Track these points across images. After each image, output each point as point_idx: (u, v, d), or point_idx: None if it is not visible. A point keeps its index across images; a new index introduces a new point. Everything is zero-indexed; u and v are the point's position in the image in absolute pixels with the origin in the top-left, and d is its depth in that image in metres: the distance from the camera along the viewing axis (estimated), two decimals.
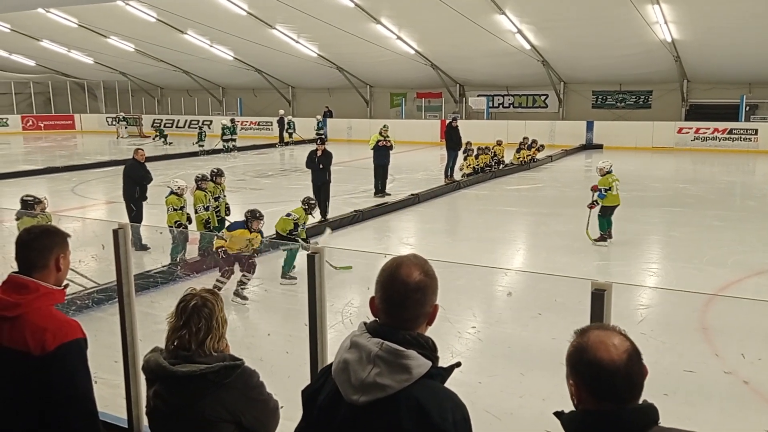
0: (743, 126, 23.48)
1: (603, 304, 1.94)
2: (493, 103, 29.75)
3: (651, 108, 26.48)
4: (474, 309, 6.77)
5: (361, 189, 15.11)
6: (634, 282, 8.30)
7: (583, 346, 1.59)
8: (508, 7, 21.68)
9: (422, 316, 1.72)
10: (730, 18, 19.48)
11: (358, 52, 26.62)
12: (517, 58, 25.01)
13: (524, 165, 19.00)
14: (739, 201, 14.54)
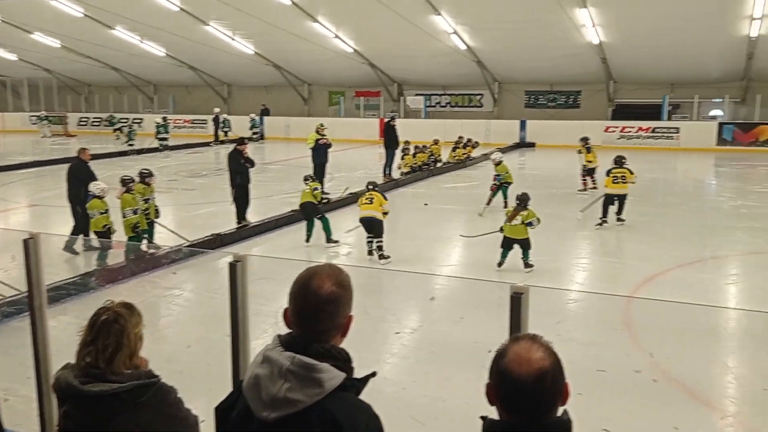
0: (666, 125, 24.51)
1: (521, 307, 1.98)
2: (431, 102, 30.05)
3: (580, 108, 27.32)
4: (398, 313, 6.79)
5: (299, 188, 14.92)
6: (565, 277, 8.56)
7: (503, 354, 1.58)
8: (443, 9, 21.95)
9: (335, 328, 1.72)
10: (653, 22, 20.32)
11: (295, 50, 26.42)
12: (453, 58, 25.35)
13: (460, 163, 19.26)
14: (662, 197, 15.15)
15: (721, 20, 20.11)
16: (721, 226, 11.29)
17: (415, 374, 5.40)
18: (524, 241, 8.31)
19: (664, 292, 7.64)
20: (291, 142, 27.87)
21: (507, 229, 8.40)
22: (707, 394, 5.03)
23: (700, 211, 12.99)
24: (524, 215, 8.29)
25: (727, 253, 9.44)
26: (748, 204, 13.22)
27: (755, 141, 23.15)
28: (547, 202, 13.59)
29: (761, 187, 15.59)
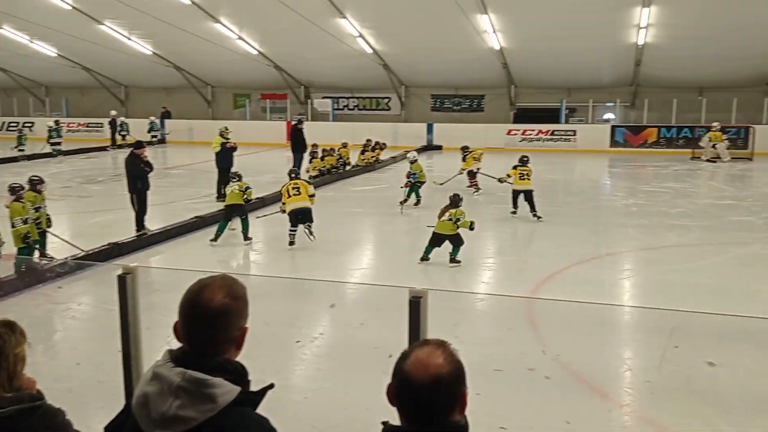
0: (564, 128, 25.65)
1: (419, 311, 1.96)
2: (338, 105, 30.03)
3: (484, 111, 28.10)
4: (299, 322, 6.68)
5: (204, 194, 14.56)
6: (472, 276, 8.74)
7: (406, 356, 1.57)
8: (348, 12, 21.99)
9: (228, 342, 1.64)
10: (549, 29, 21.20)
11: (197, 50, 25.66)
12: (360, 61, 25.44)
13: (369, 166, 19.35)
14: (561, 197, 15.80)
15: (611, 29, 21.25)
16: (615, 224, 11.90)
17: (317, 383, 5.32)
18: (453, 237, 8.69)
19: (564, 289, 7.96)
20: (194, 145, 27.06)
21: (437, 226, 8.78)
22: (604, 385, 5.25)
23: (596, 209, 13.65)
24: (453, 213, 8.67)
25: (620, 250, 9.96)
26: (638, 202, 14.01)
27: (644, 143, 24.62)
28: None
29: (650, 187, 16.57)
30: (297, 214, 9.84)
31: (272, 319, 6.43)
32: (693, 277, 8.35)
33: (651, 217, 12.25)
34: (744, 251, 9.76)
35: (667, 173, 19.04)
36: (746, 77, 23.85)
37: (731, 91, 24.08)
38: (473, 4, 19.85)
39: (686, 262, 9.16)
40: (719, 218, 12.12)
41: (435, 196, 13.35)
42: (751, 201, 14.05)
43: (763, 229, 11.22)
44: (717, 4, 18.77)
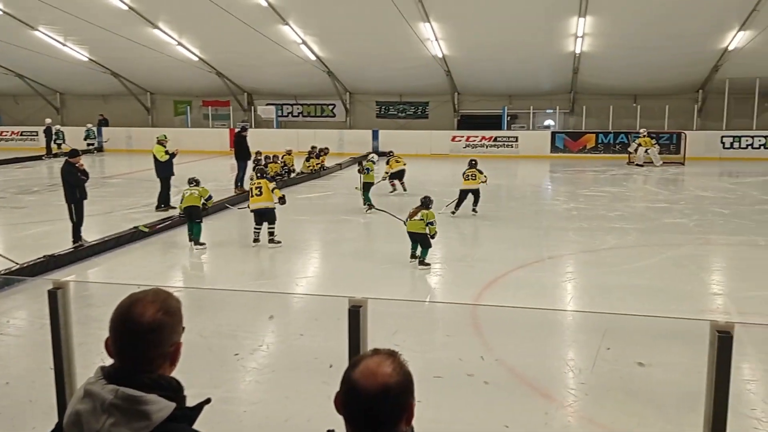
0: (506, 134, 26.16)
1: (359, 320, 1.96)
2: (283, 112, 29.83)
3: (428, 118, 28.41)
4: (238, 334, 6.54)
5: (143, 203, 14.20)
6: (420, 282, 8.79)
7: (355, 365, 1.56)
8: (291, 19, 21.90)
9: (161, 358, 1.60)
10: (489, 37, 21.64)
11: (135, 57, 25.06)
12: (303, 68, 25.33)
13: (314, 173, 19.26)
14: (504, 202, 16.08)
15: (549, 38, 21.84)
16: (556, 228, 12.18)
17: (257, 396, 5.23)
18: (422, 237, 9.01)
19: (507, 292, 8.09)
20: (133, 154, 26.41)
21: (409, 225, 9.19)
22: (547, 386, 5.35)
23: (538, 214, 13.94)
24: (424, 213, 9.05)
25: (562, 253, 10.18)
26: (578, 206, 14.38)
27: (583, 148, 25.34)
28: (398, 209, 13.94)
29: (589, 191, 17.04)
30: (259, 214, 10.34)
31: (210, 331, 6.31)
32: (630, 278, 8.61)
33: (590, 221, 12.59)
34: (677, 252, 10.13)
35: (605, 178, 19.62)
36: (677, 85, 24.88)
37: (664, 99, 25.08)
38: (416, 12, 20.06)
39: (624, 263, 9.44)
40: (654, 221, 12.55)
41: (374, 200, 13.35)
42: (683, 204, 14.62)
43: (694, 231, 11.69)
44: (648, 16, 19.52)
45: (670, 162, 22.77)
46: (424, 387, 1.53)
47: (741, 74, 23.06)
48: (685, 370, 5.22)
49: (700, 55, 22.48)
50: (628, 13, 19.76)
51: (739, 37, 20.74)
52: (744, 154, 23.79)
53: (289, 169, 18.52)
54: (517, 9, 19.74)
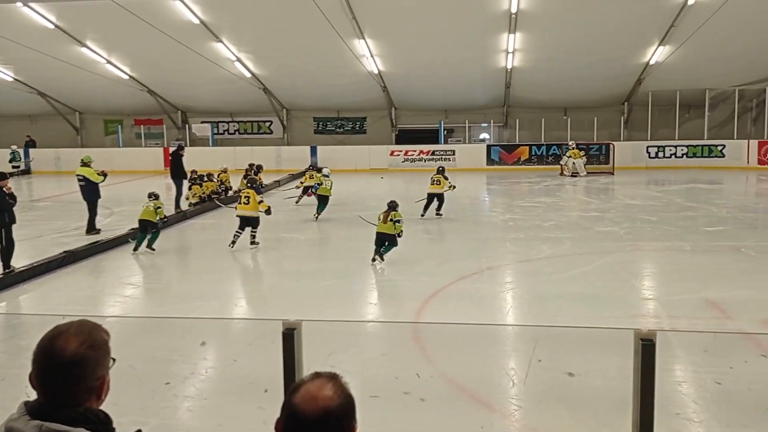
0: (443, 148, 26.54)
1: (294, 343, 1.92)
2: (218, 130, 29.39)
3: (366, 133, 28.54)
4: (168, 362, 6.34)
5: (73, 227, 13.68)
6: (360, 298, 8.76)
7: (296, 389, 1.54)
8: (224, 36, 21.68)
9: (85, 392, 1.53)
10: (423, 53, 22.00)
11: (63, 76, 24.27)
12: (238, 85, 25.07)
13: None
14: (444, 214, 16.24)
15: (482, 54, 22.35)
16: (494, 239, 12.39)
17: (190, 424, 5.05)
18: (391, 237, 10.12)
19: (449, 305, 8.16)
20: (62, 175, 25.43)
21: (379, 227, 10.15)
22: (489, 397, 5.40)
23: (476, 225, 14.17)
24: (393, 214, 10.13)
25: (500, 264, 10.37)
26: (514, 217, 14.69)
27: (518, 160, 25.94)
28: (340, 226, 13.92)
29: (524, 202, 17.43)
30: (244, 219, 11.67)
31: (140, 360, 6.09)
32: (566, 286, 8.83)
33: (526, 231, 12.86)
34: (609, 259, 10.46)
35: (540, 189, 20.12)
36: (605, 98, 25.84)
37: (592, 111, 26.00)
38: (350, 29, 20.18)
39: (559, 272, 9.67)
40: (587, 229, 12.94)
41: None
42: (614, 213, 15.13)
43: (625, 238, 12.10)
44: (574, 32, 20.25)
45: (601, 172, 23.57)
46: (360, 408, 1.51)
47: (663, 87, 24.17)
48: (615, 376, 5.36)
49: (625, 69, 23.44)
50: (555, 30, 20.44)
51: (659, 51, 21.75)
52: (668, 163, 24.86)
53: (226, 187, 18.22)
54: (448, 26, 20.13)
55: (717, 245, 11.30)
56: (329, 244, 12.30)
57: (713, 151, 24.81)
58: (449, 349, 6.34)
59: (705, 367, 5.83)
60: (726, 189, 20.24)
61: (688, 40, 20.00)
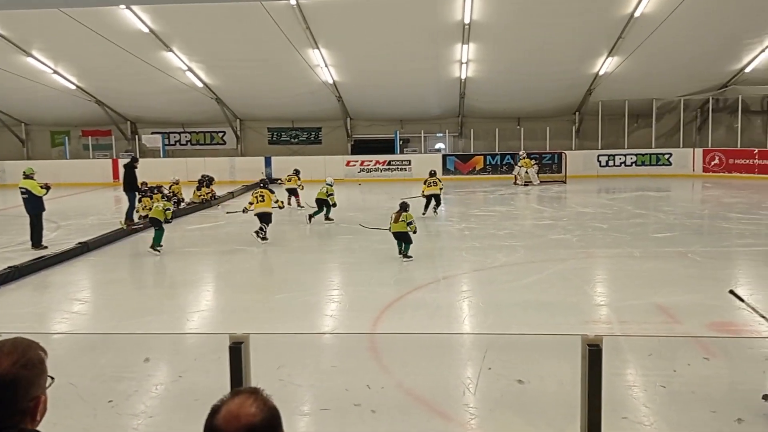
0: (399, 158, 26.64)
1: (241, 357, 1.85)
2: (170, 141, 28.88)
3: (322, 143, 28.45)
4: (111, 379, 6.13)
5: (18, 241, 13.21)
6: (316, 310, 8.65)
7: (217, 410, 1.48)
8: (175, 45, 21.34)
9: (18, 414, 1.45)
10: (378, 64, 22.08)
11: (8, 86, 23.54)
12: (190, 95, 24.69)
13: (205, 203, 18.70)
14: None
15: (436, 64, 22.55)
16: (450, 248, 12.45)
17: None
18: (405, 235, 11.00)
19: (405, 314, 8.13)
20: (7, 189, 24.57)
21: (393, 227, 11.08)
22: (446, 406, 5.38)
23: (432, 235, 14.20)
24: (405, 215, 11.03)
25: (456, 273, 10.40)
26: (470, 226, 14.79)
27: (473, 170, 26.22)
28: (296, 237, 13.80)
29: (480, 211, 17.58)
30: (261, 216, 12.83)
31: (84, 378, 5.87)
32: (520, 294, 8.90)
33: (482, 240, 12.96)
34: (563, 267, 10.61)
35: (494, 198, 20.35)
36: (556, 108, 26.37)
37: (544, 121, 26.51)
38: (304, 39, 20.13)
39: (514, 280, 9.76)
40: (540, 237, 13.11)
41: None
42: (566, 221, 15.39)
43: (577, 246, 12.30)
44: (526, 43, 20.63)
45: (553, 181, 23.99)
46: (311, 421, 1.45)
47: (612, 97, 24.80)
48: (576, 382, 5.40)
49: (575, 80, 23.98)
50: (507, 41, 20.78)
51: (608, 62, 22.33)
52: (618, 171, 25.48)
53: (178, 199, 17.89)
54: (403, 36, 20.26)
55: (665, 251, 11.59)
56: (283, 256, 12.14)
57: (661, 159, 25.54)
58: (404, 359, 6.30)
59: (654, 371, 5.92)
60: (673, 196, 20.83)
61: (635, 52, 20.59)
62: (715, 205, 18.04)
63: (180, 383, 5.95)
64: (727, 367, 6.21)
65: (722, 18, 19.32)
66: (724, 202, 17.82)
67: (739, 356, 6.40)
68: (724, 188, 20.88)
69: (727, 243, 12.49)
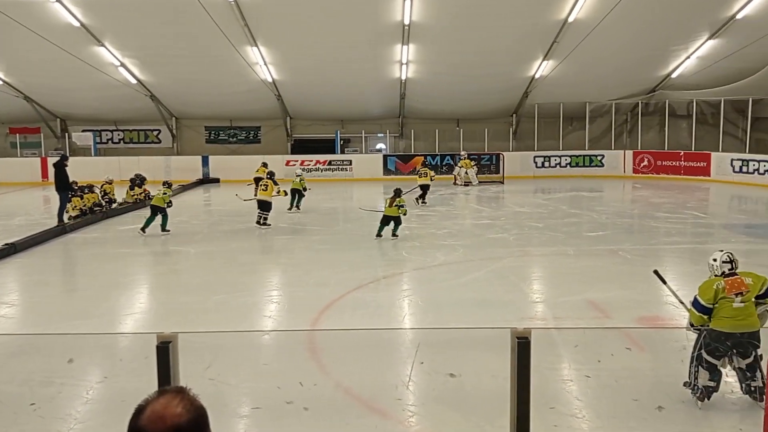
0: (340, 158, 26.57)
1: (169, 357, 1.79)
2: (102, 139, 27.92)
3: (261, 143, 28.07)
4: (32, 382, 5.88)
5: None
6: (254, 311, 8.53)
7: (141, 411, 1.44)
8: (107, 40, 20.67)
9: None
10: (318, 63, 21.96)
11: None
12: (123, 91, 23.92)
13: (139, 203, 18.15)
14: (341, 224, 16.25)
15: (376, 64, 22.60)
16: (390, 248, 12.48)
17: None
18: (396, 218, 12.70)
19: (345, 314, 8.11)
20: None
21: (386, 210, 12.70)
22: (384, 404, 5.38)
23: (373, 235, 14.20)
24: (399, 200, 12.63)
25: (395, 272, 10.45)
26: (410, 226, 14.81)
27: (413, 170, 26.36)
28: (234, 238, 13.55)
29: (420, 211, 17.68)
30: (259, 203, 14.56)
31: (9, 382, 5.62)
32: (459, 292, 9.02)
33: (422, 239, 13.07)
34: (500, 265, 10.81)
35: (434, 198, 20.50)
36: (494, 110, 26.85)
37: (483, 122, 26.96)
38: (242, 36, 19.82)
39: (453, 278, 9.88)
40: (479, 237, 13.32)
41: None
42: (504, 220, 15.69)
43: (514, 244, 12.56)
44: (464, 45, 20.91)
45: (491, 181, 24.41)
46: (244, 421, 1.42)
47: (548, 100, 25.42)
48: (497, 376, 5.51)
49: (512, 83, 24.47)
50: (446, 43, 21.02)
51: (543, 66, 22.88)
52: (554, 172, 26.15)
53: (110, 199, 17.33)
54: (343, 36, 20.21)
55: (597, 249, 11.97)
56: (220, 257, 11.91)
57: (593, 160, 26.35)
58: (342, 357, 6.29)
59: (581, 363, 6.12)
60: (605, 196, 21.53)
61: (569, 56, 21.16)
62: (644, 204, 18.74)
63: (106, 384, 5.78)
64: (649, 358, 6.47)
65: (651, 26, 20.09)
66: (653, 202, 18.53)
67: (663, 347, 6.67)
68: (652, 189, 21.71)
69: (655, 241, 12.99)
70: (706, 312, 5.10)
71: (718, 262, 5.27)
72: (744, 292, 5.05)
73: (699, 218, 15.82)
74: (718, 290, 5.08)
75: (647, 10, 18.99)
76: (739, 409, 5.20)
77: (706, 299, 5.09)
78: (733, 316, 5.03)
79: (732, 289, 5.06)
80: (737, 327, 5.03)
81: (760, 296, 5.08)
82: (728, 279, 5.13)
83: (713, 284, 5.14)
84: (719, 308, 5.07)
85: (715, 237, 13.30)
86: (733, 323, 5.03)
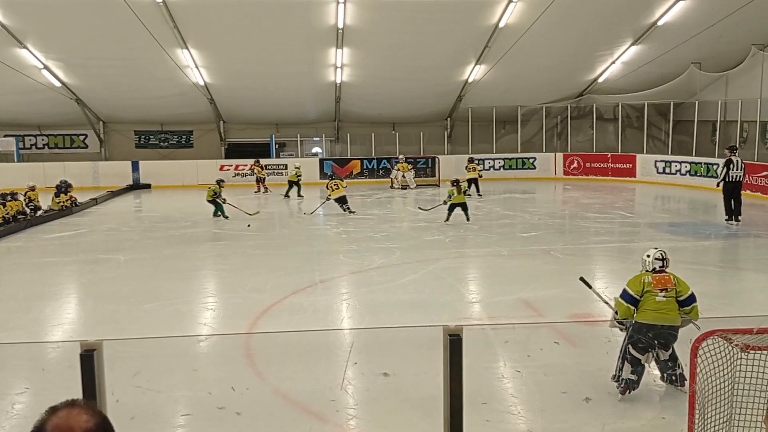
0: (275, 162, 26.29)
1: (93, 365, 1.73)
2: (25, 144, 26.71)
3: (194, 147, 27.46)
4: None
5: None
6: (189, 318, 8.33)
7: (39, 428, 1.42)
8: (29, 41, 19.82)
9: None
10: (251, 66, 21.69)
11: None
12: (47, 95, 22.96)
13: (66, 210, 17.48)
14: (278, 229, 16.08)
15: (311, 68, 22.49)
16: (328, 252, 12.46)
17: None
18: (464, 204, 14.80)
19: (282, 319, 8.03)
20: None
21: (455, 199, 14.69)
22: (314, 404, 5.36)
23: (310, 239, 14.15)
24: (461, 187, 14.96)
25: (333, 276, 10.42)
26: (348, 230, 14.88)
27: (350, 174, 26.37)
28: (166, 244, 13.20)
29: (357, 214, 17.73)
30: (339, 200, 16.97)
31: None
32: (396, 294, 9.08)
33: (359, 243, 13.08)
34: (436, 266, 10.94)
35: (372, 201, 20.60)
36: (430, 114, 27.15)
37: (418, 126, 27.23)
38: (172, 38, 19.37)
39: (390, 281, 9.93)
40: (415, 239, 13.44)
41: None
42: (440, 222, 15.84)
43: (450, 246, 12.74)
44: (397, 49, 21.09)
45: (428, 184, 24.68)
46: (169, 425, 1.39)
47: (481, 104, 25.91)
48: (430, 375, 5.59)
49: (446, 87, 24.81)
50: (380, 47, 21.13)
51: (476, 70, 23.31)
52: (487, 174, 26.51)
53: (35, 206, 16.60)
54: (275, 38, 20.02)
55: (530, 249, 12.27)
56: (152, 264, 11.58)
57: (526, 163, 27.02)
58: (277, 362, 6.23)
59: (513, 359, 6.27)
60: (538, 198, 22.09)
61: (500, 61, 21.64)
62: (574, 205, 19.34)
63: (26, 396, 5.53)
64: (577, 352, 6.69)
65: (578, 32, 20.78)
66: (582, 203, 19.15)
67: (593, 342, 6.90)
68: (582, 190, 22.43)
69: (585, 240, 13.42)
70: (633, 302, 5.34)
71: (651, 259, 5.53)
72: (669, 288, 5.30)
73: (626, 218, 16.44)
74: (645, 283, 5.33)
75: (574, 17, 19.63)
76: (661, 400, 5.44)
77: (634, 290, 5.35)
78: (656, 308, 5.28)
79: (658, 285, 5.31)
80: (659, 319, 5.28)
81: (681, 303, 5.34)
82: (656, 275, 5.40)
83: (642, 278, 5.41)
84: (644, 301, 5.31)
85: (641, 236, 13.85)
86: (656, 315, 5.28)
